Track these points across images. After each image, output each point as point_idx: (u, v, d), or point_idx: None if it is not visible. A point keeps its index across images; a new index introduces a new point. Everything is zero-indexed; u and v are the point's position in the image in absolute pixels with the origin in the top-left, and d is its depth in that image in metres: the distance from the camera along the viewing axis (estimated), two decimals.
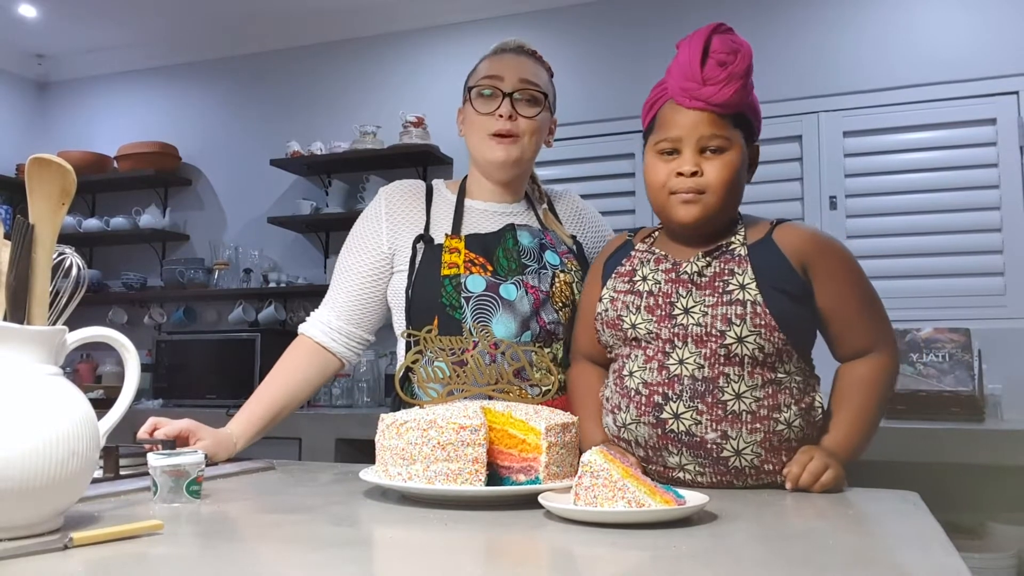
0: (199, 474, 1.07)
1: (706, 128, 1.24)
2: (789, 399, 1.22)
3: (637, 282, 1.30)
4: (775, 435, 1.21)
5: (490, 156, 1.53)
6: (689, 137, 1.24)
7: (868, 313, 1.28)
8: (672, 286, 1.26)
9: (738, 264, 1.24)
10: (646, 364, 1.25)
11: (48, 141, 4.78)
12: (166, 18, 4.16)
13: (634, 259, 1.34)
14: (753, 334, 1.19)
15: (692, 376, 1.21)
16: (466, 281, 1.46)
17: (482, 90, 1.53)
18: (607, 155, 3.77)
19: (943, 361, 2.83)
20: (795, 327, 1.22)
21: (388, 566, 0.82)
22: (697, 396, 1.20)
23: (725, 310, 1.21)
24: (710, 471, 1.22)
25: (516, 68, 1.54)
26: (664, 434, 1.22)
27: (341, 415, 3.39)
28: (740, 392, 1.20)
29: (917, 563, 0.80)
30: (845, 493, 1.18)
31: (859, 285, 1.28)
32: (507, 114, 1.51)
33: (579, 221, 1.68)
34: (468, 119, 1.56)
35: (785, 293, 1.22)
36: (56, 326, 0.91)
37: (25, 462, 0.81)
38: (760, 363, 1.21)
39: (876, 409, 1.28)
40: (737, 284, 1.22)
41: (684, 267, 1.27)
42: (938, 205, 3.27)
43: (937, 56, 3.32)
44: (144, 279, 4.42)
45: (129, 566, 0.77)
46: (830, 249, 1.28)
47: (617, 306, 1.30)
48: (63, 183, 0.90)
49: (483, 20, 4.01)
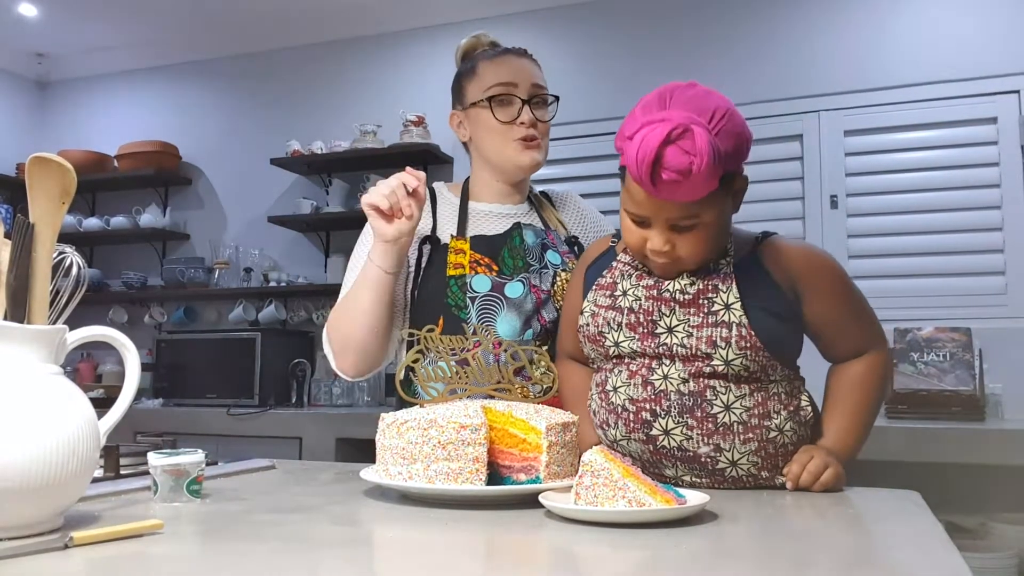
0: (199, 473, 1.07)
1: (673, 211, 1.16)
2: (778, 405, 1.21)
3: (618, 296, 1.27)
4: (769, 442, 1.20)
5: (519, 162, 1.54)
6: (657, 217, 1.18)
7: (859, 318, 1.29)
8: (654, 303, 1.23)
9: (723, 281, 1.21)
10: (630, 379, 1.23)
11: (48, 140, 4.78)
12: (166, 17, 4.16)
13: (615, 271, 1.30)
14: (739, 356, 1.18)
15: (678, 391, 1.19)
16: (472, 281, 1.46)
17: (500, 98, 1.53)
18: (606, 154, 3.76)
19: (944, 360, 2.83)
20: (781, 344, 1.21)
21: (388, 565, 0.82)
22: (686, 411, 1.19)
23: (710, 332, 1.18)
24: (707, 481, 1.22)
25: (527, 73, 1.55)
26: (656, 450, 1.22)
27: (341, 414, 3.39)
28: (729, 404, 1.18)
29: (917, 563, 0.79)
30: (845, 493, 1.18)
31: (849, 295, 1.28)
32: (530, 121, 1.53)
33: (581, 222, 1.68)
34: (482, 124, 1.55)
35: (771, 313, 1.20)
36: (56, 325, 0.91)
37: (25, 461, 0.81)
38: (746, 379, 1.20)
39: (872, 407, 1.29)
40: (722, 303, 1.19)
41: (667, 285, 1.23)
42: (939, 204, 3.27)
43: (938, 55, 3.32)
44: (144, 278, 4.42)
45: (130, 565, 0.77)
46: (818, 265, 1.25)
47: (598, 322, 1.27)
48: (63, 182, 0.90)
49: (483, 19, 4.01)
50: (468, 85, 1.58)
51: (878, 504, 1.12)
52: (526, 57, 1.59)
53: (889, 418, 2.78)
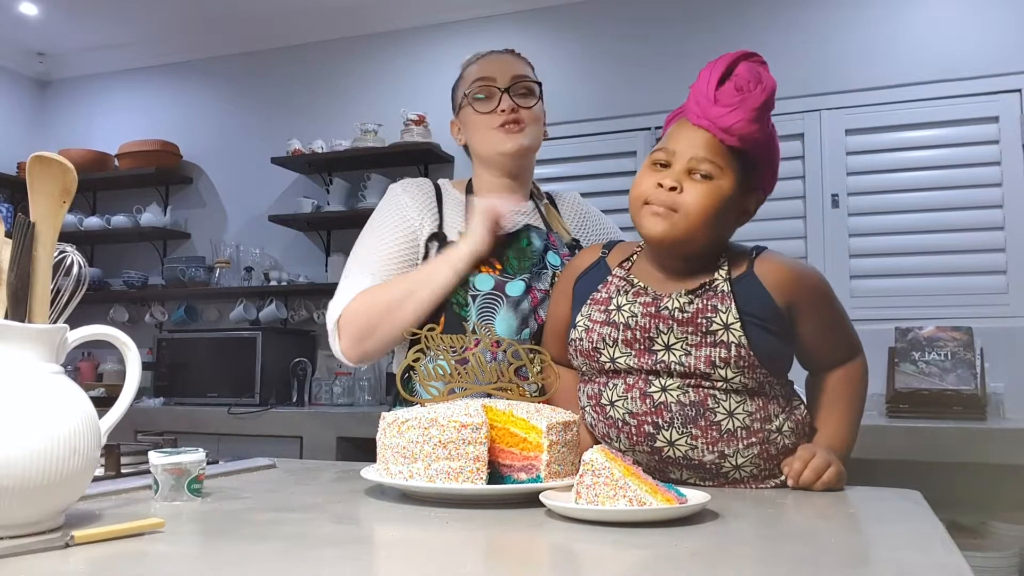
0: (200, 472, 1.07)
1: (701, 150, 1.20)
2: (777, 408, 1.23)
3: (612, 312, 1.25)
4: (770, 444, 1.22)
5: (501, 148, 1.55)
6: (682, 154, 1.21)
7: (843, 330, 1.31)
8: (651, 320, 1.22)
9: (721, 301, 1.20)
10: (627, 393, 1.22)
11: (49, 139, 4.78)
12: (167, 16, 4.16)
13: (610, 285, 1.29)
14: (738, 375, 1.18)
15: (679, 402, 1.19)
16: (474, 280, 1.47)
17: (476, 93, 1.56)
18: (607, 153, 3.76)
19: (945, 359, 2.83)
20: (779, 360, 1.23)
21: (389, 564, 0.82)
22: (689, 421, 1.19)
23: (709, 352, 1.18)
24: (711, 482, 1.24)
25: (506, 67, 1.59)
26: (662, 460, 1.22)
27: (342, 413, 3.39)
28: (732, 410, 1.19)
29: (918, 562, 0.79)
30: (846, 492, 1.18)
31: (835, 311, 1.30)
32: (509, 107, 1.55)
33: (582, 223, 1.69)
34: (470, 122, 1.59)
35: (769, 331, 1.20)
36: (57, 324, 0.91)
37: (26, 460, 0.81)
38: (746, 391, 1.21)
39: (859, 410, 1.31)
40: (721, 324, 1.19)
41: (665, 302, 1.22)
42: (940, 203, 3.27)
43: (939, 54, 3.31)
44: (145, 277, 4.42)
45: (130, 564, 0.77)
46: (810, 285, 1.26)
47: (593, 337, 1.25)
48: (64, 181, 0.90)
49: (484, 18, 4.01)
50: (458, 90, 1.63)
51: (879, 503, 1.12)
52: (509, 53, 1.63)
53: (890, 417, 2.78)
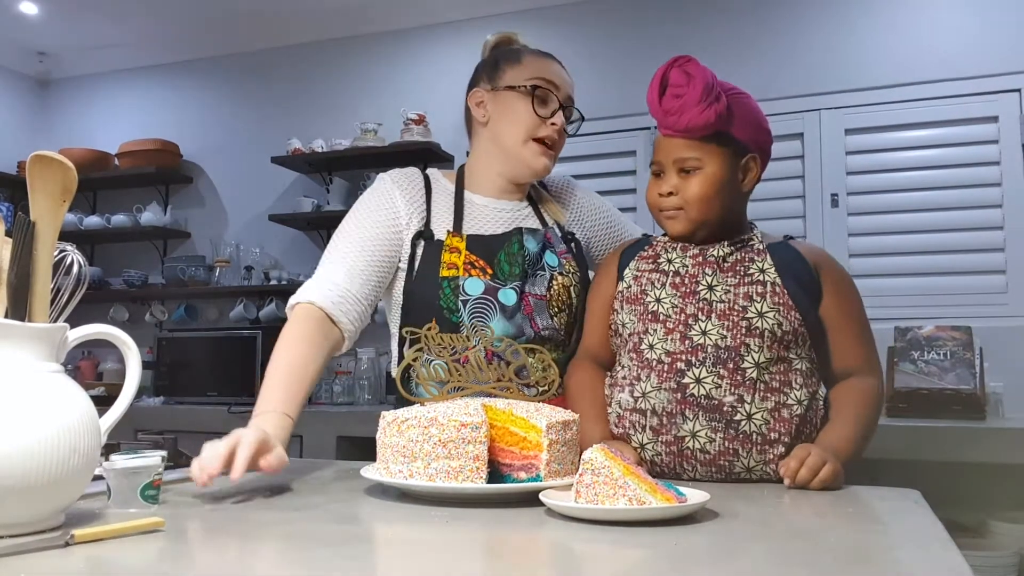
0: (156, 478, 0.99)
1: (680, 151, 1.34)
2: (799, 379, 1.31)
3: (662, 263, 1.39)
4: (784, 407, 1.28)
5: (532, 163, 1.52)
6: (666, 161, 1.36)
7: (863, 336, 1.37)
8: (699, 267, 1.35)
9: (758, 254, 1.36)
10: (667, 336, 1.32)
11: (49, 138, 4.78)
12: (167, 15, 4.16)
13: (658, 245, 1.42)
14: (772, 310, 1.30)
15: (716, 345, 1.29)
16: (464, 284, 1.44)
17: (541, 92, 1.50)
18: (609, 152, 3.76)
19: (944, 359, 2.83)
20: (807, 311, 1.32)
21: (389, 563, 0.82)
22: (720, 363, 1.28)
23: (747, 289, 1.32)
24: (720, 436, 1.26)
25: (567, 82, 1.55)
26: (683, 399, 1.28)
27: (342, 412, 3.39)
28: (759, 362, 1.29)
29: (918, 561, 0.80)
30: (846, 491, 1.18)
31: (859, 307, 1.38)
32: (561, 124, 1.52)
33: (579, 217, 1.65)
34: (514, 114, 1.50)
35: (800, 283, 1.33)
36: (57, 323, 0.91)
37: (27, 459, 0.81)
38: (778, 339, 1.30)
39: (871, 422, 1.33)
40: (758, 269, 1.34)
41: (711, 251, 1.36)
42: (940, 203, 3.27)
43: (939, 53, 3.32)
44: (145, 276, 4.42)
45: (130, 563, 0.77)
46: (839, 267, 1.40)
47: (641, 282, 1.38)
48: (64, 180, 0.90)
49: (484, 18, 4.01)
50: (508, 68, 1.52)
51: (878, 502, 1.12)
52: (565, 69, 1.58)
53: (889, 417, 2.78)
